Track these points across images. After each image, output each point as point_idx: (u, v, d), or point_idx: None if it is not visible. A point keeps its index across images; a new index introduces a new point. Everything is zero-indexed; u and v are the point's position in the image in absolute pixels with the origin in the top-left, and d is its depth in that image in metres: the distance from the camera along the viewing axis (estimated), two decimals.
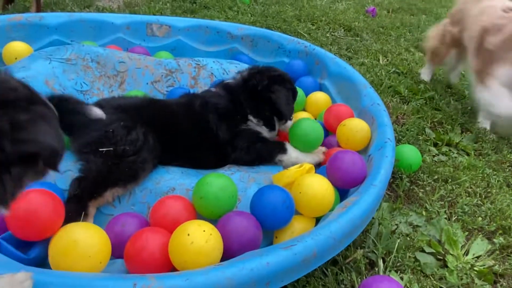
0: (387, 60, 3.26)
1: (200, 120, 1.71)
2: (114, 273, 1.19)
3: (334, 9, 4.47)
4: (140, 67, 2.17)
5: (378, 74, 2.92)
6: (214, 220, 1.31)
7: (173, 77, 2.24)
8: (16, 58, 2.02)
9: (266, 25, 3.69)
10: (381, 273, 1.44)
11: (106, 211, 1.42)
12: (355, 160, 1.53)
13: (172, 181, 1.50)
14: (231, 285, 1.07)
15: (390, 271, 1.45)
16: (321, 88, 2.43)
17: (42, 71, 1.87)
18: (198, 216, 1.38)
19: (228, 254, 1.24)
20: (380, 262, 1.48)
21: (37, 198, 1.20)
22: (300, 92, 2.26)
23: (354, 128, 1.77)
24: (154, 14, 3.50)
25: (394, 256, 1.49)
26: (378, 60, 3.22)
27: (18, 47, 2.14)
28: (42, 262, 1.21)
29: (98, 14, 2.66)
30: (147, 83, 2.18)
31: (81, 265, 1.10)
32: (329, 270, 1.40)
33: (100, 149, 1.42)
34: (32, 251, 1.21)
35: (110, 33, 2.59)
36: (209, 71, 2.32)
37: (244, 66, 2.40)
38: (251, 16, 3.91)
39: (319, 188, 1.41)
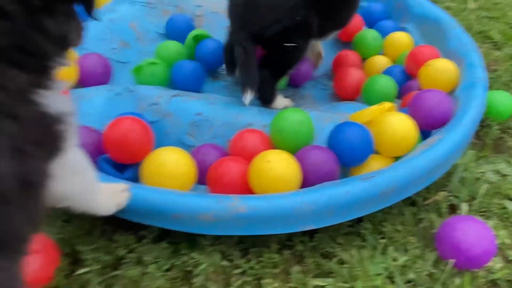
0: (477, 4, 2.95)
1: None
2: None
3: None
4: (216, 11, 2.19)
5: (466, 18, 2.66)
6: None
7: None
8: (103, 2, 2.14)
9: None
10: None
11: (188, 142, 1.51)
12: (441, 98, 1.44)
13: (250, 117, 1.54)
14: (310, 210, 1.10)
15: (474, 215, 1.38)
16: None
17: (126, 13, 1.98)
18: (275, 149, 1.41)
19: (304, 186, 1.26)
20: (463, 206, 1.40)
21: (130, 124, 1.29)
22: (375, 34, 2.15)
23: (440, 68, 1.65)
24: None
25: (479, 202, 1.41)
26: (466, 4, 2.93)
27: None
28: (135, 182, 1.33)
29: None
30: (223, 28, 2.20)
31: (170, 184, 1.19)
32: (407, 210, 1.37)
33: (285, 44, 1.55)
34: (127, 172, 1.33)
35: None
36: None
37: None
38: None
39: (400, 125, 1.35)
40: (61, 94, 0.75)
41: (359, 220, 1.32)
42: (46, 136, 0.72)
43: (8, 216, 0.66)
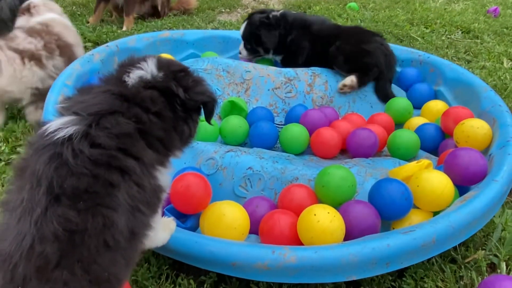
0: None
1: None
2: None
3: (450, 11, 4.29)
4: (263, 76, 2.44)
5: (502, 78, 2.76)
6: (335, 208, 1.45)
7: (291, 84, 2.45)
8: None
9: (376, 30, 3.72)
10: (504, 274, 1.43)
11: (240, 194, 1.68)
12: (475, 156, 1.55)
13: (296, 171, 1.69)
14: (354, 261, 1.21)
15: None
16: (436, 94, 2.43)
17: None
18: (320, 203, 1.53)
19: (348, 238, 1.37)
20: (503, 265, 1.46)
21: (193, 179, 1.47)
22: (405, 102, 2.31)
23: (475, 125, 1.76)
24: None
25: None
26: (502, 63, 3.03)
27: None
28: (194, 231, 1.49)
29: (226, 31, 3.04)
30: (268, 90, 2.44)
31: (228, 234, 1.34)
32: (447, 267, 1.44)
33: None
34: (188, 221, 1.50)
35: (235, 47, 2.92)
36: (323, 79, 2.48)
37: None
38: (361, 22, 3.98)
39: (438, 182, 1.46)
40: (169, 174, 1.01)
41: (401, 275, 1.40)
42: (154, 200, 0.94)
43: (116, 261, 0.84)
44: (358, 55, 2.44)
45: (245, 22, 2.65)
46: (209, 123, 1.10)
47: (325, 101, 2.44)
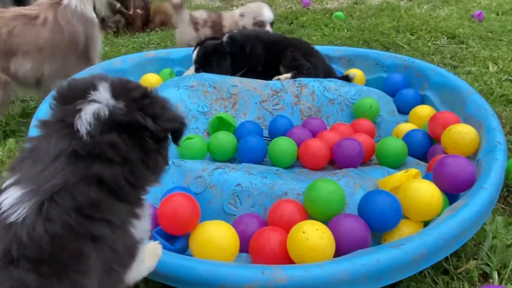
0: (498, 67, 3.07)
1: None
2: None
3: (435, 17, 4.34)
4: (249, 89, 2.43)
5: (488, 82, 2.78)
6: (324, 222, 1.44)
7: (278, 96, 2.45)
8: (149, 88, 2.44)
9: (363, 39, 3.76)
10: (496, 284, 1.42)
11: (230, 211, 1.66)
12: (463, 163, 1.54)
13: (284, 186, 1.68)
14: (344, 278, 1.19)
15: (506, 284, 1.41)
16: (423, 99, 2.43)
17: (172, 97, 2.22)
18: (310, 218, 1.52)
19: (339, 253, 1.35)
20: (495, 275, 1.44)
21: (180, 200, 1.46)
22: (373, 101, 2.33)
23: (462, 130, 1.76)
24: None
25: (511, 270, 1.44)
26: (488, 68, 3.06)
27: (151, 78, 2.58)
28: (184, 252, 1.47)
29: None
30: (256, 103, 2.43)
31: (217, 255, 1.32)
32: (439, 278, 1.42)
33: None
34: (177, 243, 1.48)
35: None
36: (310, 89, 2.47)
37: (343, 83, 2.52)
38: (348, 31, 4.01)
39: (425, 192, 1.45)
40: (145, 220, 0.90)
41: None
42: (130, 258, 0.88)
43: None
44: (303, 64, 2.66)
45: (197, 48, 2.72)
46: (177, 145, 0.98)
47: (313, 112, 2.43)
